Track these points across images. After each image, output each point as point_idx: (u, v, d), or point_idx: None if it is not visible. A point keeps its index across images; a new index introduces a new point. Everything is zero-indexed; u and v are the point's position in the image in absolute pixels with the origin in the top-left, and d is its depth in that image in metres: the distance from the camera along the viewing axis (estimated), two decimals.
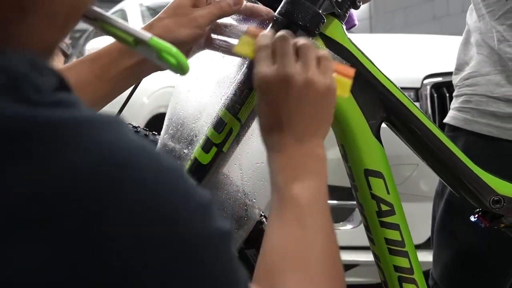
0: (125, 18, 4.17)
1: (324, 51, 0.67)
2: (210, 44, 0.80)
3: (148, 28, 0.75)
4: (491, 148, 1.06)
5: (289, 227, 0.56)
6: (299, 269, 0.53)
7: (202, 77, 0.86)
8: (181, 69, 0.48)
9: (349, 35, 0.84)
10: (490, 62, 1.06)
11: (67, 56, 1.96)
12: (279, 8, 0.79)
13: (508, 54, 1.04)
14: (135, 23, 3.94)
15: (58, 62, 1.85)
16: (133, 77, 0.75)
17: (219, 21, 0.79)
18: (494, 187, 0.84)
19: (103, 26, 0.50)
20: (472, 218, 0.89)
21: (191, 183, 0.36)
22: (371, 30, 8.06)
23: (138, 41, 0.48)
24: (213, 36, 0.80)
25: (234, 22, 0.81)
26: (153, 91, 2.69)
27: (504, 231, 0.88)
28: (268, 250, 0.55)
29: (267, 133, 0.63)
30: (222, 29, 0.80)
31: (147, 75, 0.77)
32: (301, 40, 0.64)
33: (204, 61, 0.84)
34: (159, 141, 0.82)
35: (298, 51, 0.63)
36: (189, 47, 0.77)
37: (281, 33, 0.64)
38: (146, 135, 0.89)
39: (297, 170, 0.60)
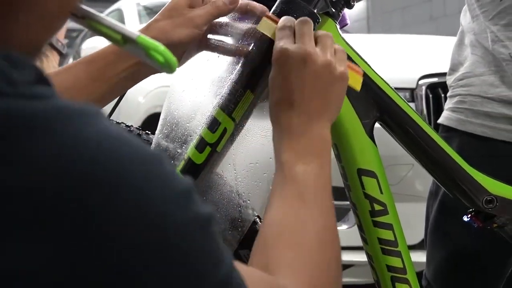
0: (121, 17, 4.17)
1: (339, 45, 0.69)
2: (207, 45, 0.81)
3: (145, 29, 0.75)
4: (485, 149, 1.06)
5: (289, 205, 0.57)
6: (295, 246, 0.53)
7: (197, 76, 0.86)
8: (169, 67, 0.48)
9: (346, 35, 0.85)
10: (484, 62, 1.06)
11: (62, 56, 1.96)
12: (274, 7, 0.79)
13: (502, 55, 1.04)
14: (132, 23, 3.94)
15: (53, 62, 1.84)
16: (129, 79, 0.75)
17: (215, 20, 0.79)
18: (487, 187, 0.85)
19: (92, 24, 0.50)
20: (465, 218, 0.89)
21: (169, 170, 0.36)
22: (368, 30, 8.07)
23: (126, 39, 0.48)
24: (209, 36, 0.81)
25: (230, 21, 0.81)
26: (149, 91, 2.69)
27: (497, 231, 0.88)
28: (266, 225, 0.56)
29: (277, 107, 0.64)
30: (218, 29, 0.80)
31: (144, 77, 0.77)
32: (321, 31, 0.68)
33: (199, 61, 0.84)
34: (153, 140, 0.82)
35: (317, 39, 0.66)
36: (186, 47, 0.77)
37: (303, 18, 0.68)
38: (139, 134, 0.89)
39: (303, 150, 0.61)
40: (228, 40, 0.81)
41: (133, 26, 3.82)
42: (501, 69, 1.05)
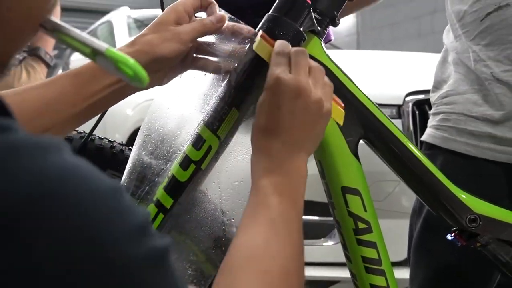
0: (111, 30, 4.17)
1: (328, 80, 0.71)
2: (193, 63, 0.81)
3: (132, 43, 0.75)
4: (469, 167, 1.07)
5: (260, 231, 0.57)
6: (261, 273, 0.53)
7: (183, 94, 0.87)
8: (139, 81, 0.47)
9: (336, 51, 0.85)
10: (467, 81, 1.07)
11: (50, 68, 1.95)
12: (260, 25, 0.79)
13: (484, 74, 1.05)
14: (122, 35, 3.94)
15: (40, 74, 1.84)
16: (115, 94, 0.75)
17: (202, 40, 0.80)
18: (470, 205, 0.85)
19: (61, 37, 0.50)
20: (449, 237, 0.89)
21: (125, 204, 0.35)
22: (358, 46, 8.13)
23: (96, 52, 0.48)
24: (196, 55, 0.81)
25: (216, 41, 0.81)
26: (137, 103, 2.69)
27: (480, 250, 0.88)
28: (236, 247, 0.56)
29: (261, 133, 0.65)
30: (204, 48, 0.81)
31: (130, 94, 0.77)
32: (314, 63, 0.69)
33: (185, 78, 0.84)
34: (131, 156, 0.82)
35: (310, 70, 0.67)
36: (172, 62, 0.77)
37: (300, 48, 0.70)
38: (122, 150, 0.89)
39: (280, 180, 0.62)
40: (216, 60, 0.81)
41: (122, 38, 3.82)
42: (484, 88, 1.06)
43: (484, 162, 1.06)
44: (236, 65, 0.79)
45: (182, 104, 0.85)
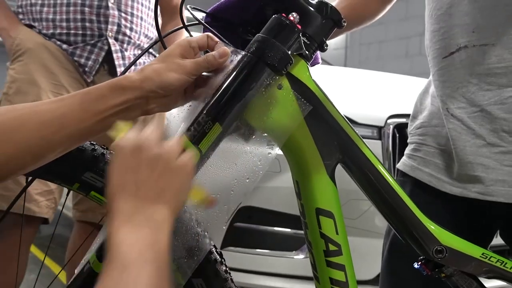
0: None
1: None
2: (196, 95, 0.85)
3: (141, 70, 0.79)
4: (429, 197, 1.09)
5: (112, 280, 0.57)
6: None
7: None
8: None
9: (325, 66, 0.87)
10: (439, 114, 1.09)
11: None
12: (249, 45, 0.81)
13: (441, 109, 1.07)
14: None
15: None
16: (120, 114, 0.77)
17: (205, 74, 0.83)
18: (438, 237, 0.87)
19: None
20: (416, 265, 0.92)
21: None
22: (346, 60, 8.20)
23: None
24: (199, 88, 0.84)
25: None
26: None
27: (445, 281, 0.90)
28: None
29: (112, 197, 0.65)
30: (207, 82, 0.84)
31: (136, 116, 0.79)
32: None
33: None
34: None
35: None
36: (176, 90, 0.80)
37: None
38: (103, 154, 0.89)
39: (130, 232, 0.62)
40: None
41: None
42: None
43: (443, 194, 1.08)
44: (222, 80, 0.80)
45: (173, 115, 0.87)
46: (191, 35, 0.94)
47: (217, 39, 0.84)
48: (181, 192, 0.68)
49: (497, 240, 1.16)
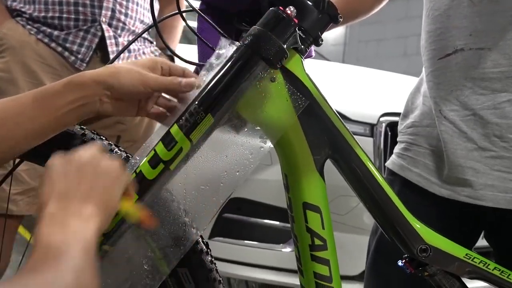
0: None
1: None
2: (152, 113, 0.86)
3: (102, 68, 0.79)
4: (417, 198, 1.10)
5: (39, 273, 0.56)
6: None
7: None
8: None
9: (322, 61, 0.87)
10: (431, 115, 1.10)
11: None
12: (244, 36, 0.81)
13: (434, 110, 1.07)
14: None
15: None
16: (79, 111, 0.77)
17: (165, 95, 0.84)
18: (423, 236, 0.88)
19: None
20: (400, 263, 0.92)
21: None
22: (344, 56, 8.20)
23: None
24: (156, 106, 0.86)
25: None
26: None
27: (428, 280, 0.91)
28: None
29: (41, 206, 0.64)
30: (165, 103, 0.86)
31: (90, 115, 0.79)
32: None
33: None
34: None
35: None
36: (130, 97, 0.81)
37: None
38: (92, 139, 0.89)
39: (58, 225, 0.61)
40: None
41: None
42: None
43: (431, 195, 1.09)
44: (216, 70, 0.80)
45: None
46: (186, 22, 0.95)
47: (193, 77, 0.84)
48: (109, 193, 0.68)
49: (481, 242, 1.17)
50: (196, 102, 0.79)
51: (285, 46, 0.79)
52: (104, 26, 1.66)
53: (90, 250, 0.61)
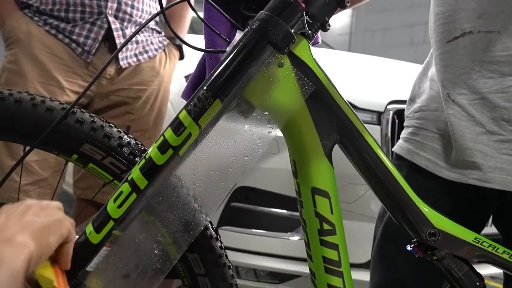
0: None
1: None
2: None
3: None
4: (425, 182, 1.10)
5: None
6: None
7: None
8: None
9: (328, 50, 0.87)
10: (439, 99, 1.09)
11: (182, 58, 1.93)
12: (252, 22, 0.81)
13: (442, 94, 1.07)
14: None
15: (175, 63, 1.86)
16: None
17: None
18: (432, 220, 0.88)
19: None
20: (408, 247, 0.93)
21: None
22: (350, 45, 8.17)
23: None
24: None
25: None
26: None
27: (436, 263, 0.91)
28: None
29: None
30: None
31: None
32: None
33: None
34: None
35: None
36: None
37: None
38: (102, 126, 0.89)
39: None
40: None
41: None
42: None
43: (439, 179, 1.09)
44: (225, 55, 0.80)
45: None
46: (193, 9, 0.95)
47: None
48: (47, 232, 0.69)
49: (489, 230, 1.17)
50: (205, 88, 0.79)
51: (292, 31, 0.79)
52: (110, 19, 1.67)
53: (18, 276, 0.62)
